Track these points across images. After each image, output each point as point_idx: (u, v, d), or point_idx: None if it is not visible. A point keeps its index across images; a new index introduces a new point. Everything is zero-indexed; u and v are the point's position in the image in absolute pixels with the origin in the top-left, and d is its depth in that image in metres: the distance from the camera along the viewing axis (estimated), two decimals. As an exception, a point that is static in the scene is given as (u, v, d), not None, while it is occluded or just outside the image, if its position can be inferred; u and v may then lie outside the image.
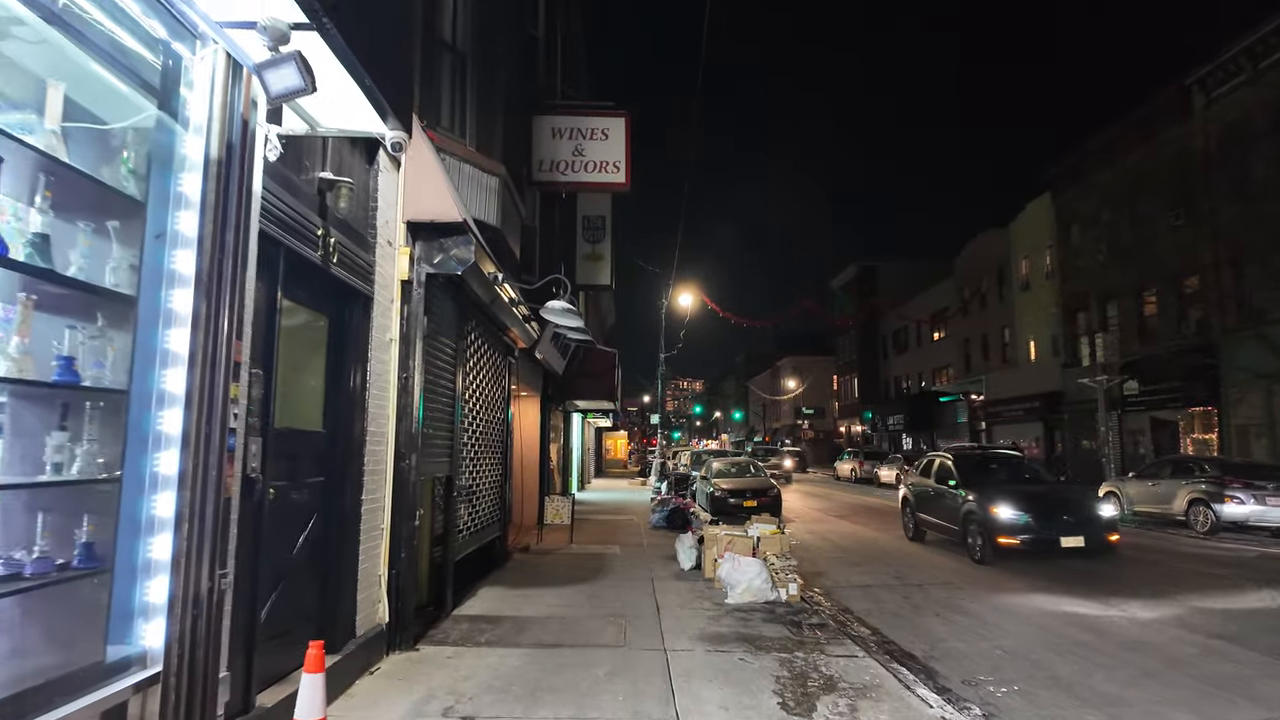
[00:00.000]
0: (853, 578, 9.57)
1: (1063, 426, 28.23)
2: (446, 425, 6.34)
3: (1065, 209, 28.05)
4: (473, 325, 7.15)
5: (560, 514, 11.07)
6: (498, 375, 8.68)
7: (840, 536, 13.73)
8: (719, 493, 17.06)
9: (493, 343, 8.27)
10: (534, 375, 12.77)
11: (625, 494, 24.24)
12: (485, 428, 8.05)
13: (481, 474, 7.92)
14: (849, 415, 55.19)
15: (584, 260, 13.75)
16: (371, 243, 4.94)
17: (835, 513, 18.54)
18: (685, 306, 25.54)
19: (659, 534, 12.95)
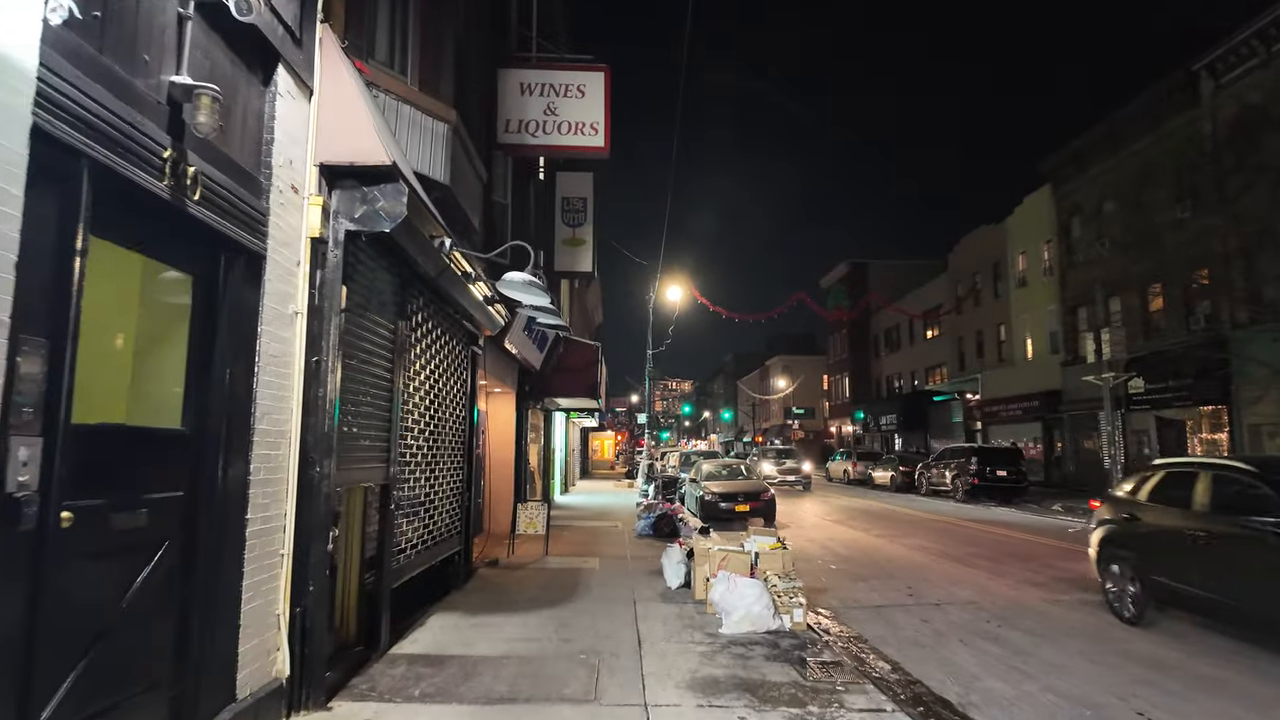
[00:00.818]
0: (860, 595, 8.51)
1: (1062, 427, 27.40)
2: (381, 423, 5.21)
3: (1065, 202, 27.23)
4: (419, 305, 6.02)
5: (534, 523, 9.95)
6: (457, 367, 7.55)
7: (841, 544, 12.69)
8: (709, 496, 16.00)
9: (449, 328, 7.13)
10: (507, 370, 11.64)
11: (610, 497, 23.13)
12: (440, 427, 6.92)
13: (436, 480, 6.79)
14: (840, 415, 54.34)
15: (564, 245, 12.64)
16: (265, 186, 3.81)
17: (832, 517, 17.53)
18: (674, 302, 24.43)
19: (645, 543, 11.85)
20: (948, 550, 11.88)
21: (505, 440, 12.86)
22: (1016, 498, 21.99)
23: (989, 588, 8.83)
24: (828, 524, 16.11)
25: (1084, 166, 26.02)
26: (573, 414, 24.50)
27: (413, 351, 5.92)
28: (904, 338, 44.94)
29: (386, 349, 5.28)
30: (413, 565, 5.96)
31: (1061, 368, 27.27)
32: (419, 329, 6.07)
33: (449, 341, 7.15)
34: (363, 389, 4.90)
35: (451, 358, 7.30)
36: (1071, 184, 26.77)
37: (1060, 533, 14.36)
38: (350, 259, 4.52)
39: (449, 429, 7.25)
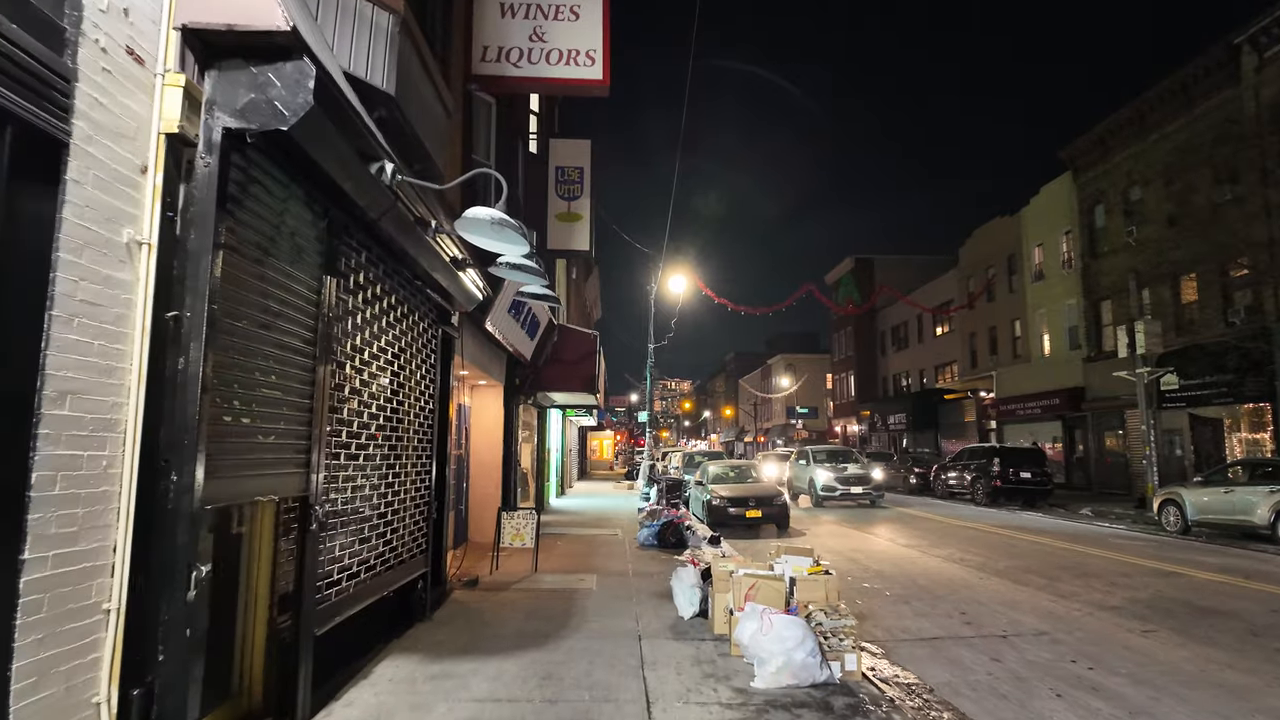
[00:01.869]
0: (908, 622, 7.14)
1: (1084, 426, 26.04)
2: (297, 414, 3.83)
3: (1089, 189, 25.87)
4: (361, 259, 4.64)
5: (521, 535, 8.58)
6: (420, 347, 6.17)
7: (867, 556, 11.32)
8: (717, 501, 14.64)
9: (409, 297, 5.76)
10: (492, 359, 10.27)
11: (609, 500, 21.75)
12: (397, 422, 5.55)
13: (390, 489, 5.42)
14: (845, 414, 53.00)
15: (557, 221, 11.25)
16: (70, 37, 2.43)
17: (850, 522, 16.15)
18: (677, 294, 23.05)
19: (648, 555, 10.47)
20: (988, 563, 10.52)
21: (492, 439, 11.49)
22: (1040, 501, 20.64)
23: (1055, 613, 7.46)
24: (847, 530, 14.74)
25: (1109, 152, 24.68)
26: (569, 412, 23.13)
27: (351, 321, 4.53)
28: (912, 335, 43.60)
29: (306, 313, 3.90)
30: (352, 600, 4.58)
31: (1084, 364, 25.93)
32: (362, 291, 4.68)
33: (409, 314, 5.77)
34: (267, 365, 3.52)
35: (413, 336, 5.93)
36: (1095, 170, 25.42)
37: (1103, 541, 12.99)
38: (238, 175, 3.14)
39: (410, 425, 5.87)
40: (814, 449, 22.93)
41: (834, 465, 20.69)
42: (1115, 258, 24.38)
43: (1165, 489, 15.17)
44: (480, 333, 8.90)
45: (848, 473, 20.18)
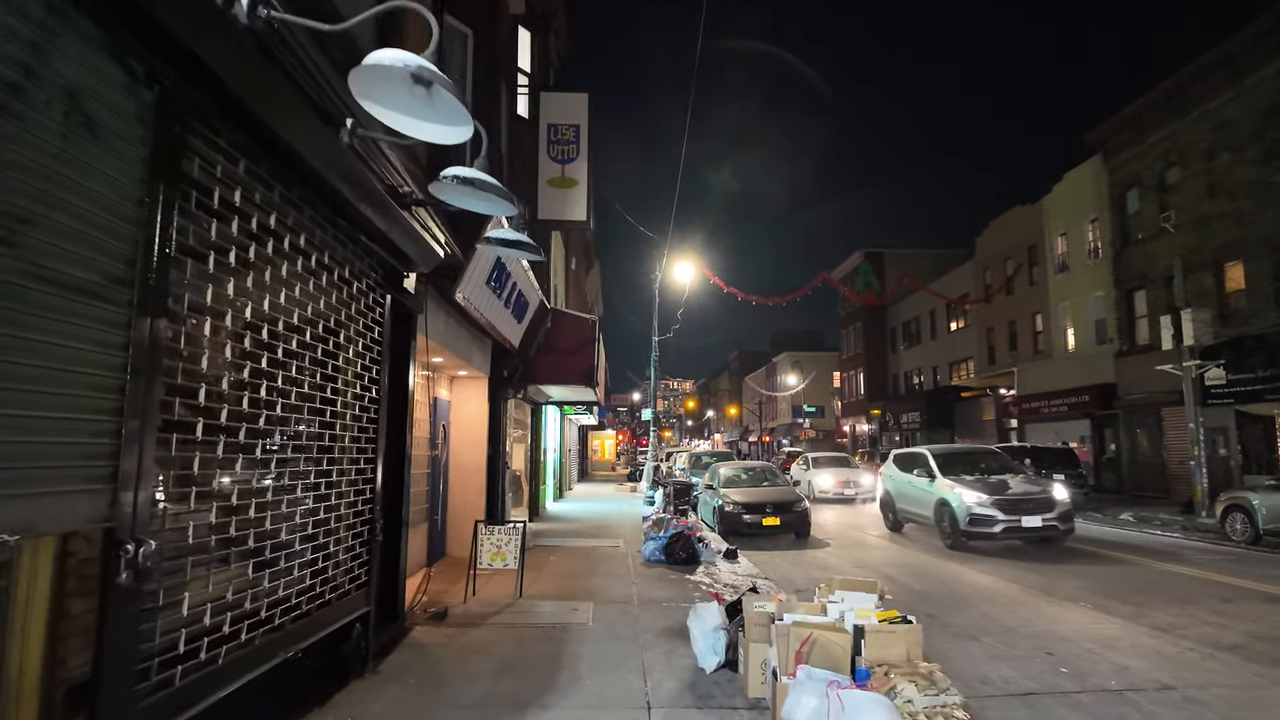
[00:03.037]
0: (986, 668, 5.63)
1: (1116, 424, 24.48)
2: (89, 393, 2.34)
3: (1120, 173, 24.32)
4: (239, 171, 3.14)
5: (502, 554, 7.09)
6: (354, 314, 4.67)
7: (906, 571, 9.81)
8: (730, 507, 13.14)
9: (330, 242, 4.25)
10: (472, 345, 8.79)
11: (611, 504, 20.24)
12: (308, 411, 4.04)
13: (301, 506, 3.92)
14: (853, 413, 51.47)
15: (550, 187, 9.76)
16: None
17: (876, 530, 14.62)
18: (683, 283, 21.55)
19: (655, 574, 8.97)
20: (1049, 582, 8.99)
21: (475, 438, 9.99)
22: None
23: (1166, 654, 5.95)
24: (874, 539, 13.22)
25: (1143, 132, 23.13)
26: (567, 409, 21.64)
27: (218, 260, 3.03)
28: (925, 330, 42.07)
29: (113, 233, 2.40)
30: (220, 678, 3.07)
31: (1115, 358, 24.39)
32: (239, 219, 3.18)
33: (332, 266, 4.27)
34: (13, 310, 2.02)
35: (342, 297, 4.43)
36: (1127, 152, 23.87)
37: (1166, 553, 11.46)
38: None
39: (338, 417, 4.37)
40: (934, 451, 13.64)
41: (982, 480, 12.06)
42: (1150, 245, 22.84)
43: (1230, 493, 13.62)
44: (452, 309, 7.41)
45: (1013, 493, 11.44)
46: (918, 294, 41.69)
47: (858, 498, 20.87)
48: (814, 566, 10.41)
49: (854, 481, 21.30)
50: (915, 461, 13.70)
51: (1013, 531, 11.09)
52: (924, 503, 12.72)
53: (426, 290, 6.38)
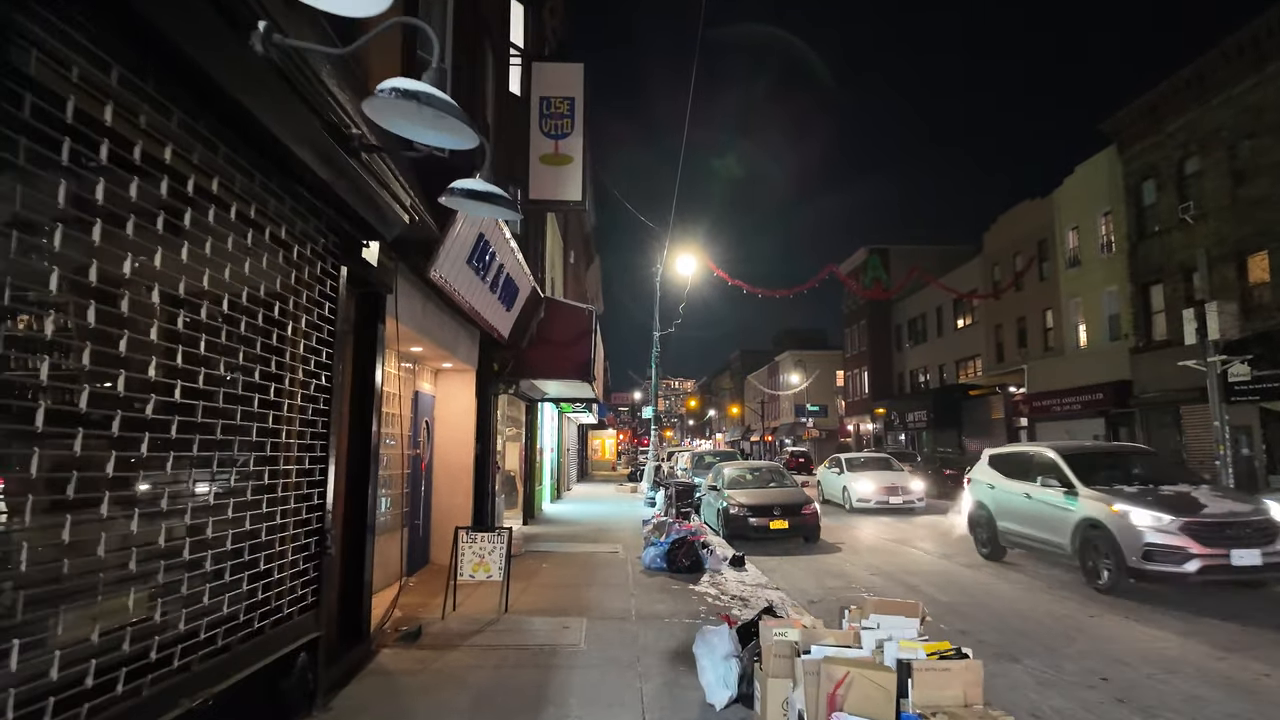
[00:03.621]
0: (1033, 696, 4.88)
1: (1131, 423, 23.71)
2: None
3: (1135, 164, 23.55)
4: (110, 80, 2.40)
5: (485, 564, 6.35)
6: (295, 284, 3.92)
7: (926, 579, 9.06)
8: (736, 509, 12.41)
9: (258, 191, 3.50)
10: (457, 333, 8.05)
11: (610, 505, 19.50)
12: (230, 395, 3.30)
13: (218, 514, 3.18)
14: (857, 412, 50.73)
15: (542, 164, 9.02)
16: None
17: (888, 533, 13.86)
18: (685, 276, 20.81)
19: (656, 584, 8.23)
20: (1088, 594, 8.25)
21: (461, 436, 9.26)
22: (1092, 506, 18.36)
23: (1237, 680, 5.20)
24: (887, 543, 12.46)
25: (1160, 121, 22.36)
26: (565, 407, 20.91)
27: (70, 188, 2.29)
28: (931, 328, 41.32)
29: None
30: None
31: (1131, 355, 23.63)
32: (102, 139, 2.43)
33: (256, 221, 3.52)
34: None
35: (278, 263, 3.69)
36: (1144, 142, 23.10)
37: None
38: None
39: (270, 407, 3.63)
40: (1064, 451, 9.83)
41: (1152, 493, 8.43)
42: (1168, 237, 22.08)
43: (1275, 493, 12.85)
44: (431, 292, 6.67)
45: (1212, 513, 7.84)
46: (923, 291, 40.97)
47: (907, 506, 17.67)
48: (828, 575, 9.67)
49: (901, 487, 17.85)
50: (1032, 465, 9.95)
51: (1217, 571, 7.40)
52: (1051, 523, 9.11)
53: (397, 267, 5.65)
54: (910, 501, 17.54)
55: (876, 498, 17.53)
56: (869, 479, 18.01)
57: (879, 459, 20.16)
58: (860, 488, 17.79)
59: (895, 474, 18.87)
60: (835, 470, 19.92)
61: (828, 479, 20.54)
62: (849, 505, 17.95)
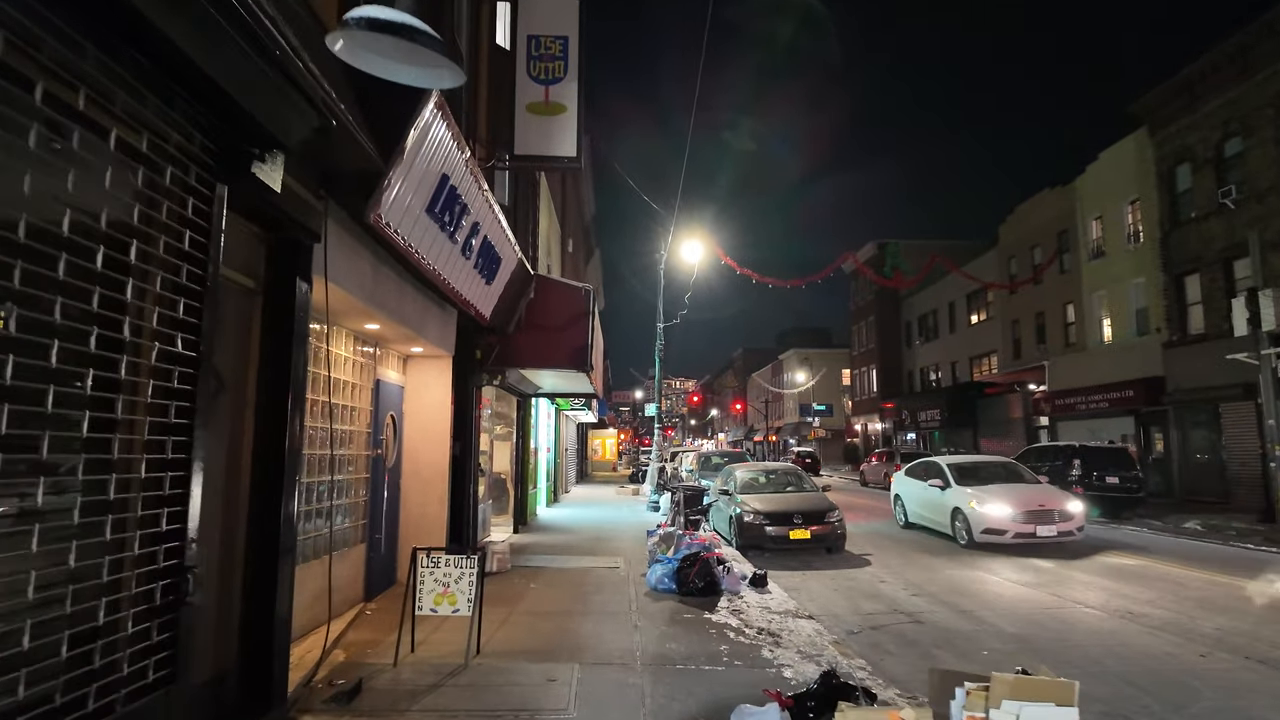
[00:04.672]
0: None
1: (1164, 421, 22.33)
2: None
3: (1169, 146, 22.16)
4: None
5: (450, 595, 4.99)
6: (126, 192, 2.55)
7: (981, 602, 7.69)
8: (751, 517, 11.07)
9: (49, 30, 2.12)
10: (425, 309, 6.69)
11: (611, 509, 18.15)
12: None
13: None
14: (865, 412, 49.37)
15: (530, 114, 7.66)
16: None
17: (922, 544, 12.48)
18: (691, 263, 19.45)
19: (664, 609, 6.86)
20: (1187, 623, 6.87)
21: (436, 433, 7.89)
22: (1128, 511, 17.06)
23: None
24: (914, 554, 11.07)
25: (1196, 100, 20.98)
26: (563, 404, 19.54)
27: None
28: (942, 324, 39.93)
29: None
30: None
31: (1163, 349, 22.25)
32: None
33: (71, 97, 2.14)
34: None
35: (94, 162, 2.31)
36: (1179, 123, 21.72)
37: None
38: None
39: (66, 374, 2.25)
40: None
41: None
42: (1205, 224, 20.69)
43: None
44: (385, 253, 5.31)
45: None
46: (935, 286, 39.62)
47: (1064, 538, 11.25)
48: (861, 595, 8.31)
49: (1056, 509, 11.27)
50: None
51: None
52: None
53: (327, 209, 4.29)
54: (1069, 531, 11.17)
55: (1018, 527, 11.02)
56: (1003, 497, 11.46)
57: (998, 465, 13.58)
58: (993, 512, 11.22)
59: (1038, 489, 12.33)
60: (933, 482, 13.07)
61: (918, 494, 13.77)
62: (966, 537, 11.65)
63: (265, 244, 4.01)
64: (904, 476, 14.86)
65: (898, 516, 14.81)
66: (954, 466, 13.04)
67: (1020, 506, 11.23)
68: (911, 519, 14.11)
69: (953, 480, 12.57)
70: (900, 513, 14.62)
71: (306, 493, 5.56)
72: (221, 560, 3.72)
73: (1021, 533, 11.03)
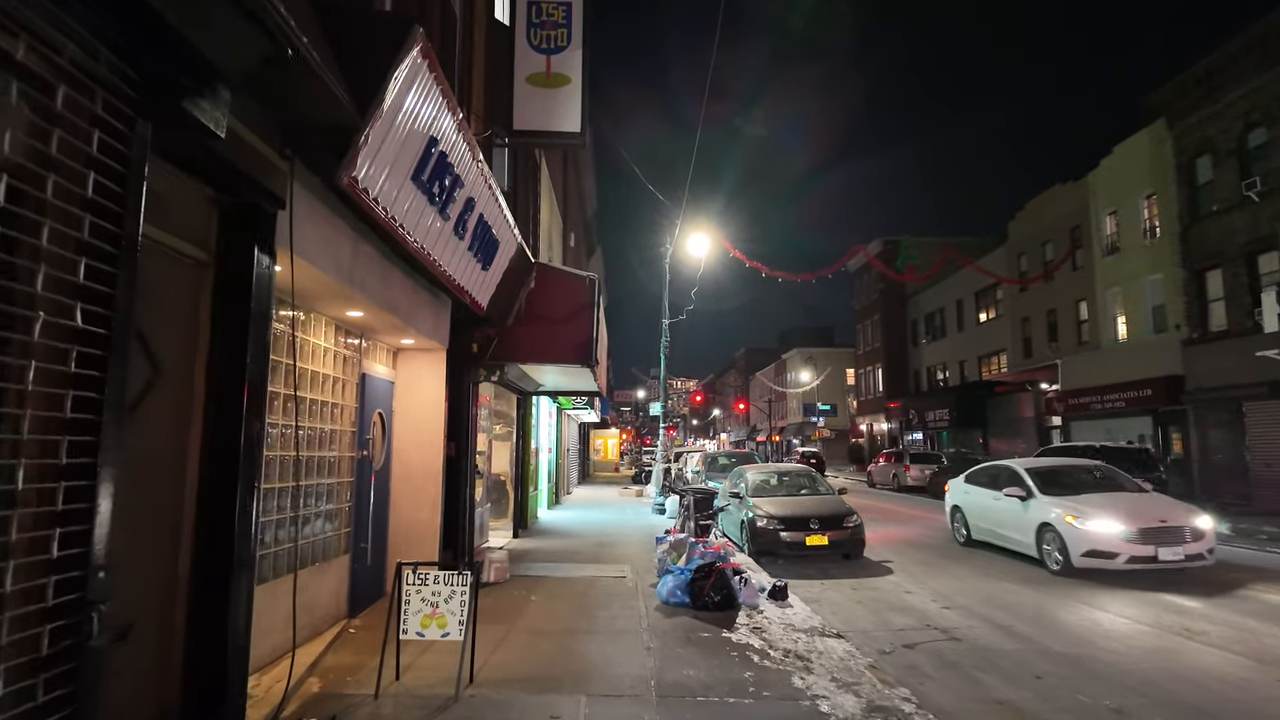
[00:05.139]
0: None
1: (1184, 421, 21.69)
2: None
3: (1189, 138, 21.52)
4: None
5: (440, 617, 4.39)
6: (12, 124, 1.92)
7: (1012, 610, 7.07)
8: (765, 522, 10.45)
9: None
10: (412, 296, 6.09)
11: (615, 512, 17.54)
12: None
13: None
14: (870, 411, 48.73)
15: (530, 85, 7.05)
16: None
17: (944, 551, 11.84)
18: (698, 257, 18.84)
19: (678, 627, 6.25)
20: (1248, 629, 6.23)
21: (428, 433, 7.28)
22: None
23: None
24: (946, 563, 10.43)
25: (1217, 90, 20.35)
26: (565, 403, 18.93)
27: None
28: (950, 322, 39.29)
29: None
30: None
31: (1183, 347, 21.60)
32: None
33: None
34: None
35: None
36: (1199, 113, 21.08)
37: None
38: None
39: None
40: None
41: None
42: (1227, 217, 20.05)
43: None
44: (366, 227, 4.70)
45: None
46: (942, 284, 39.00)
47: (1192, 563, 8.89)
48: (888, 608, 7.69)
49: (1183, 527, 9.00)
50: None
51: None
52: None
53: (293, 169, 3.68)
54: (1198, 554, 8.83)
55: (1133, 549, 8.70)
56: (1109, 510, 9.16)
57: (1086, 469, 11.17)
58: (1099, 530, 8.90)
59: (1149, 499, 10.10)
60: (1009, 491, 10.50)
61: (985, 506, 11.33)
62: (1060, 560, 9.26)
63: (218, 208, 3.41)
64: (964, 484, 12.46)
65: (955, 532, 12.44)
66: (1035, 472, 10.69)
67: (1135, 522, 8.81)
68: (975, 535, 11.73)
69: (1036, 489, 10.12)
70: (960, 528, 12.21)
71: (278, 498, 4.95)
72: (161, 584, 3.11)
73: (1139, 556, 8.63)
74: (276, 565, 4.97)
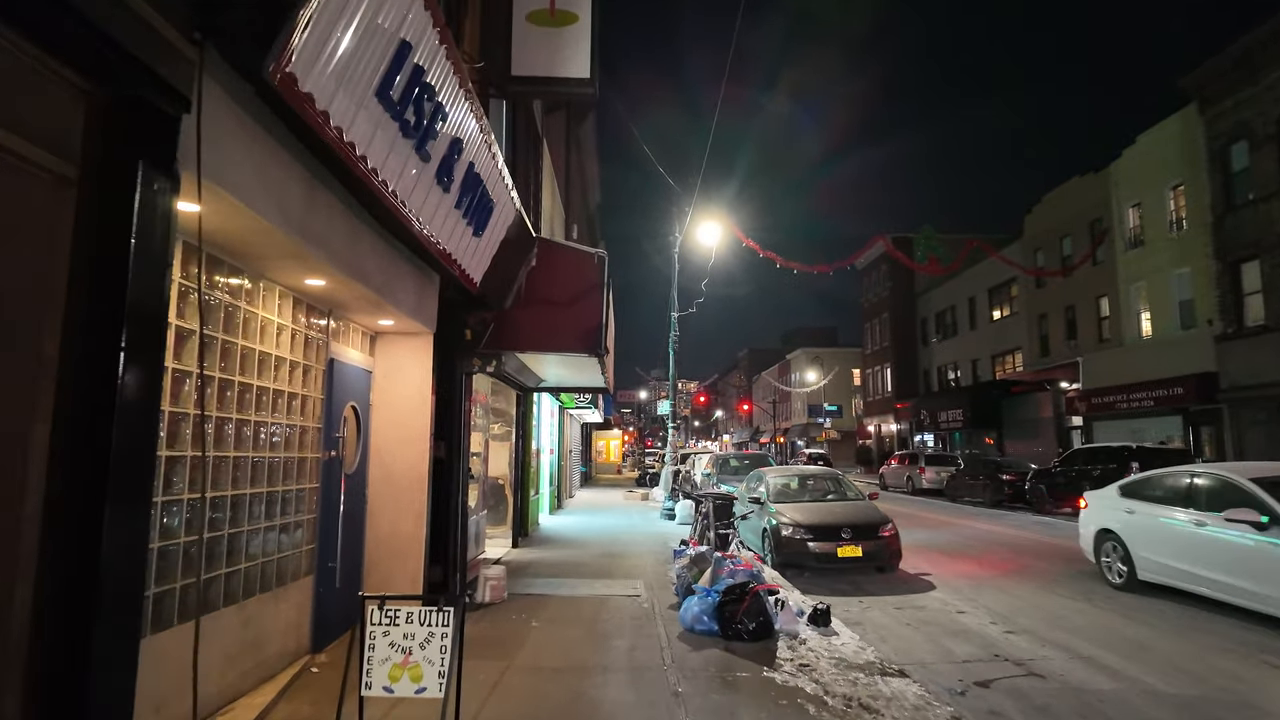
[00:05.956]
0: None
1: (1218, 421, 20.65)
2: None
3: (1222, 123, 20.50)
4: None
5: (416, 668, 3.37)
6: None
7: (1079, 632, 6.04)
8: (791, 530, 9.41)
9: None
10: (391, 265, 5.06)
11: (621, 516, 16.50)
12: None
13: None
14: (878, 412, 47.69)
15: (532, 25, 6.04)
16: None
17: (997, 553, 10.79)
18: (708, 243, 17.82)
19: (708, 663, 5.21)
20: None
21: (412, 430, 6.24)
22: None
23: None
24: (994, 575, 9.38)
25: (1255, 72, 19.32)
26: (568, 401, 17.89)
27: None
28: (961, 320, 38.23)
29: None
30: None
31: (1216, 343, 20.57)
32: None
33: None
34: None
35: None
36: (1233, 98, 20.05)
37: None
38: None
39: None
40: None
41: None
42: (1266, 206, 19.02)
43: None
44: (316, 162, 3.66)
45: None
46: (954, 281, 37.96)
47: None
48: (945, 633, 6.64)
49: None
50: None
51: None
52: None
53: (204, 58, 2.66)
54: None
55: None
56: None
57: None
58: None
59: None
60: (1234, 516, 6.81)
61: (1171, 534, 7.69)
62: None
63: (87, 104, 2.38)
64: (1123, 500, 8.64)
65: (1107, 569, 8.73)
66: (1265, 482, 6.84)
67: None
68: (1145, 574, 8.03)
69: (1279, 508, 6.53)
70: (1117, 562, 8.54)
71: (209, 510, 3.92)
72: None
73: None
74: (214, 595, 3.95)
